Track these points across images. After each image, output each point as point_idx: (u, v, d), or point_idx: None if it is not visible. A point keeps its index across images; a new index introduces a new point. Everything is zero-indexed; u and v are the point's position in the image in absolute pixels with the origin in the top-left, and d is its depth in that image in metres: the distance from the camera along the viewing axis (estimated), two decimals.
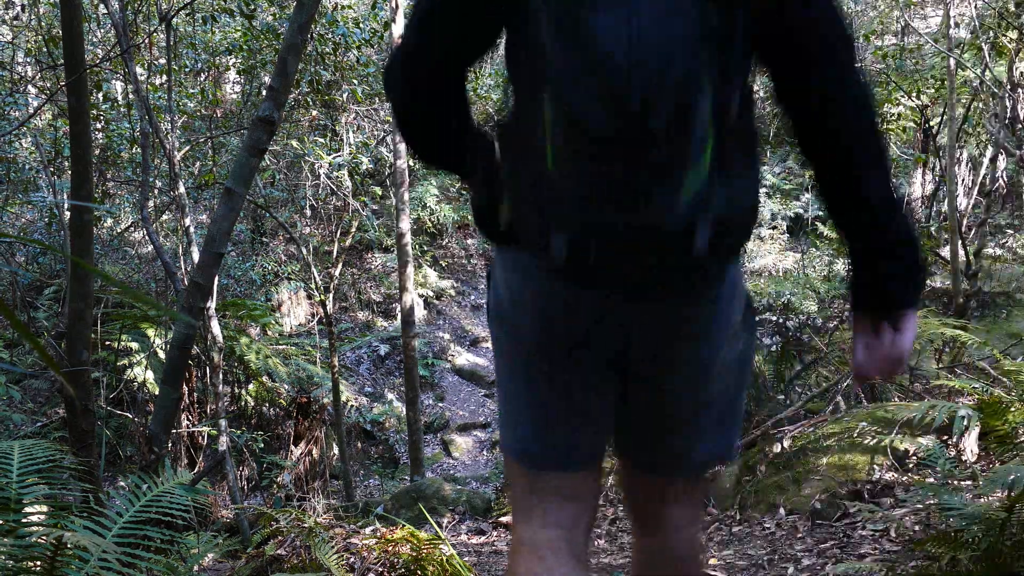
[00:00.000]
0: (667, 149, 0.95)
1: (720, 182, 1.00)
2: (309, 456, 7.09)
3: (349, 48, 7.45)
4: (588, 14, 0.92)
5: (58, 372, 1.10)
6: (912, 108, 8.13)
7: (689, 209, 0.98)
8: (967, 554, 2.17)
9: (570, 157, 0.99)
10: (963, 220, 7.10)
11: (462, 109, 1.20)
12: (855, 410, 4.13)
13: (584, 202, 1.01)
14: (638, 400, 1.24)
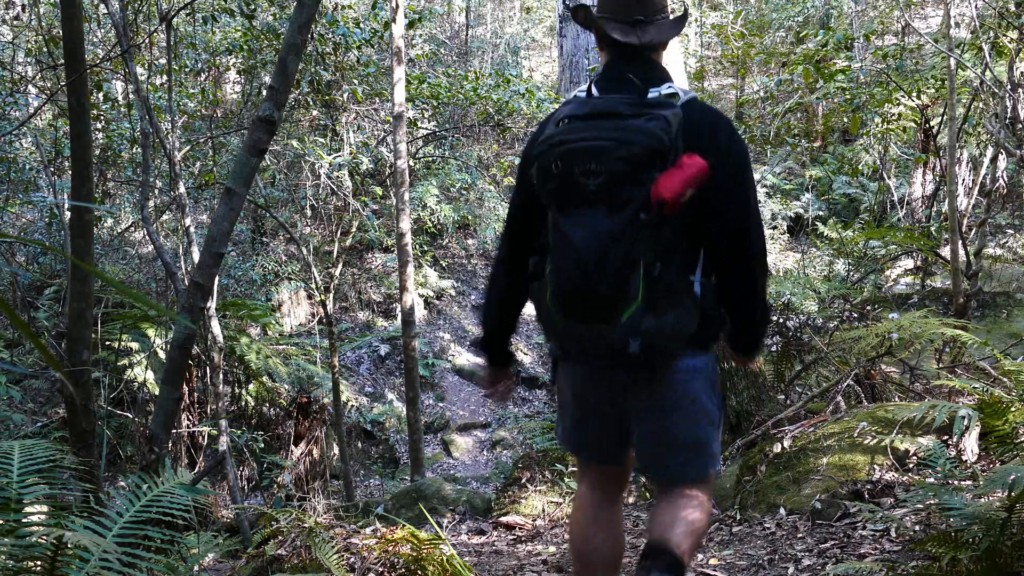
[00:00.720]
0: (611, 298, 1.72)
1: (649, 315, 1.73)
2: (309, 456, 7.09)
3: (349, 48, 7.45)
4: (570, 228, 1.74)
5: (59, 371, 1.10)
6: (912, 108, 8.13)
7: (624, 330, 1.73)
8: (967, 554, 2.17)
9: (557, 296, 1.78)
10: (963, 220, 7.09)
11: (519, 302, 2.08)
12: (855, 410, 4.13)
13: (564, 322, 1.81)
14: (637, 429, 1.97)
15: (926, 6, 15.74)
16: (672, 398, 1.88)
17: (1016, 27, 5.93)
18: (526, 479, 4.88)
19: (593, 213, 1.72)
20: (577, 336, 1.82)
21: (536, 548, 3.95)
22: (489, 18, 19.90)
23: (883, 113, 8.26)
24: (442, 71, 9.87)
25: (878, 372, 4.62)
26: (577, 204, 1.73)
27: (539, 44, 22.05)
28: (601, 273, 1.70)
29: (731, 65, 10.27)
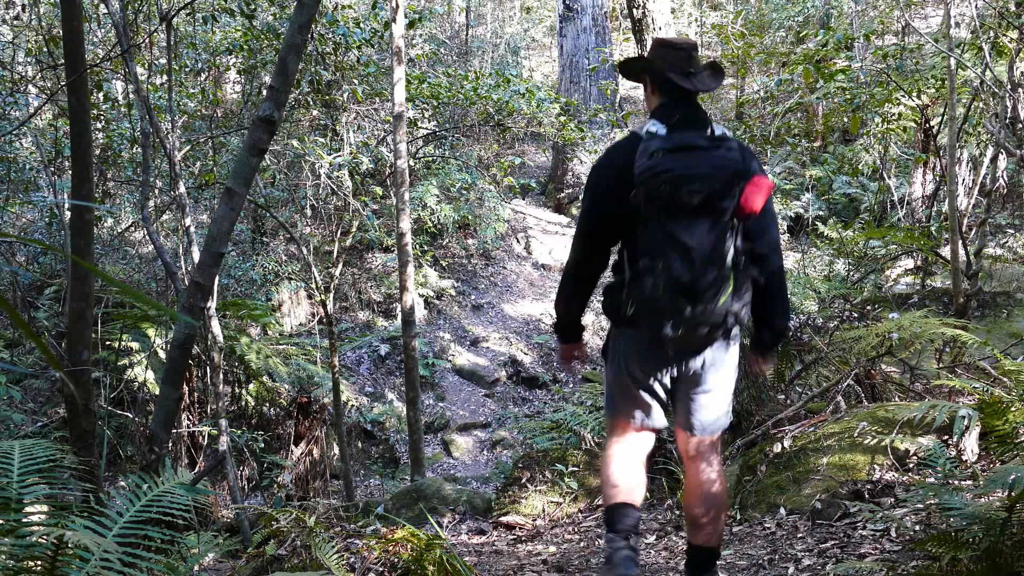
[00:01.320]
0: (714, 285, 2.31)
1: (736, 297, 2.35)
2: (309, 456, 7.09)
3: (349, 48, 7.45)
4: (681, 233, 2.29)
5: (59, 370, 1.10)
6: (912, 108, 8.12)
7: (722, 309, 2.33)
8: (967, 554, 2.17)
9: (672, 286, 2.29)
10: (963, 220, 7.09)
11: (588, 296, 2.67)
12: (855, 410, 4.13)
13: (677, 306, 2.31)
14: (681, 398, 2.58)
15: (926, 6, 15.74)
16: (730, 362, 2.53)
17: (1016, 27, 5.93)
18: (526, 479, 4.88)
19: (698, 222, 2.30)
20: (687, 317, 2.32)
21: (536, 548, 3.95)
22: (489, 18, 19.90)
23: (883, 113, 8.26)
24: (442, 71, 9.87)
25: (878, 372, 4.62)
26: (684, 215, 2.30)
27: (539, 44, 22.05)
28: (708, 266, 2.28)
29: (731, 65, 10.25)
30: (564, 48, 15.45)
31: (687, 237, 2.28)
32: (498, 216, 13.50)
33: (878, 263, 9.09)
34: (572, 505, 4.64)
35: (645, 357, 2.51)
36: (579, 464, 4.87)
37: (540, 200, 15.72)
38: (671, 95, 2.49)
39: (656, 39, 2.67)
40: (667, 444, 5.06)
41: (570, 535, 4.14)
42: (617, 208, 2.43)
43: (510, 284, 13.07)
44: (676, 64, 2.48)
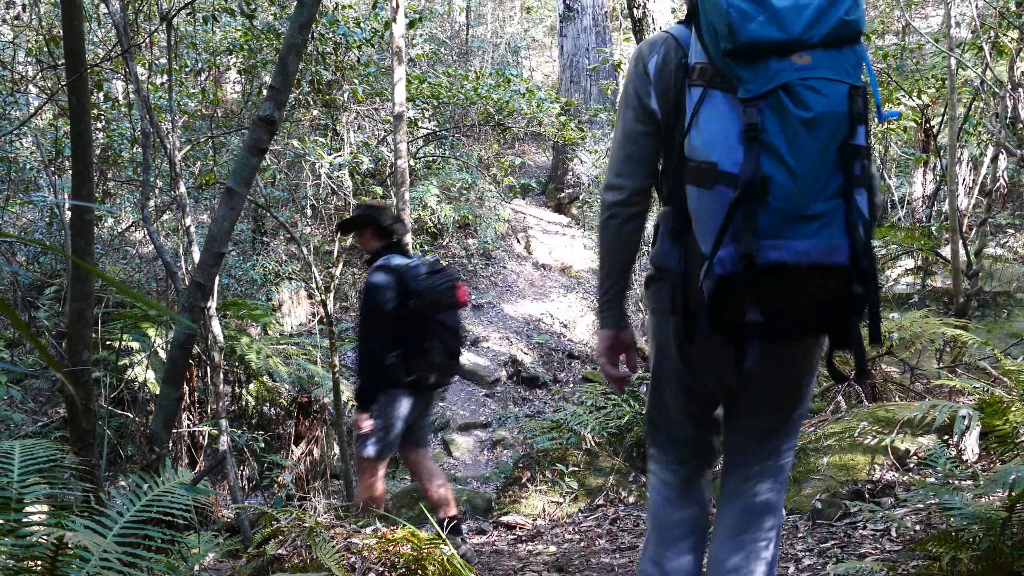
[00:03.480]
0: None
1: None
2: (310, 456, 7.09)
3: (350, 48, 7.45)
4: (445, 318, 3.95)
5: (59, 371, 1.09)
6: (913, 108, 8.12)
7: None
8: (968, 554, 2.17)
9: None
10: (964, 220, 7.09)
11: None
12: (856, 410, 4.13)
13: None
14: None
15: (926, 6, 15.73)
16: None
17: (1016, 27, 5.92)
18: (527, 479, 4.88)
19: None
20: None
21: (537, 548, 3.95)
22: (489, 18, 19.90)
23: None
24: (442, 71, 9.87)
25: (878, 372, 4.62)
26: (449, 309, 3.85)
27: (539, 44, 22.04)
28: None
29: None
30: (564, 48, 15.45)
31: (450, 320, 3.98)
32: (498, 216, 13.50)
33: (878, 263, 9.07)
34: (572, 505, 4.64)
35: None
36: (579, 464, 4.87)
37: (540, 200, 15.72)
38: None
39: (364, 204, 3.79)
40: None
41: (570, 535, 4.15)
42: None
43: (510, 284, 13.07)
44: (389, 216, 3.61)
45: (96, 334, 6.25)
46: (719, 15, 1.53)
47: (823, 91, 1.51)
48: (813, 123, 1.51)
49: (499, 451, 9.30)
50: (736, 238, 1.51)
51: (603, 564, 3.43)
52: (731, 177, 1.52)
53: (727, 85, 1.56)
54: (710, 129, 1.57)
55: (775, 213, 1.50)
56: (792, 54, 1.52)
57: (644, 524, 4.12)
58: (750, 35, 1.51)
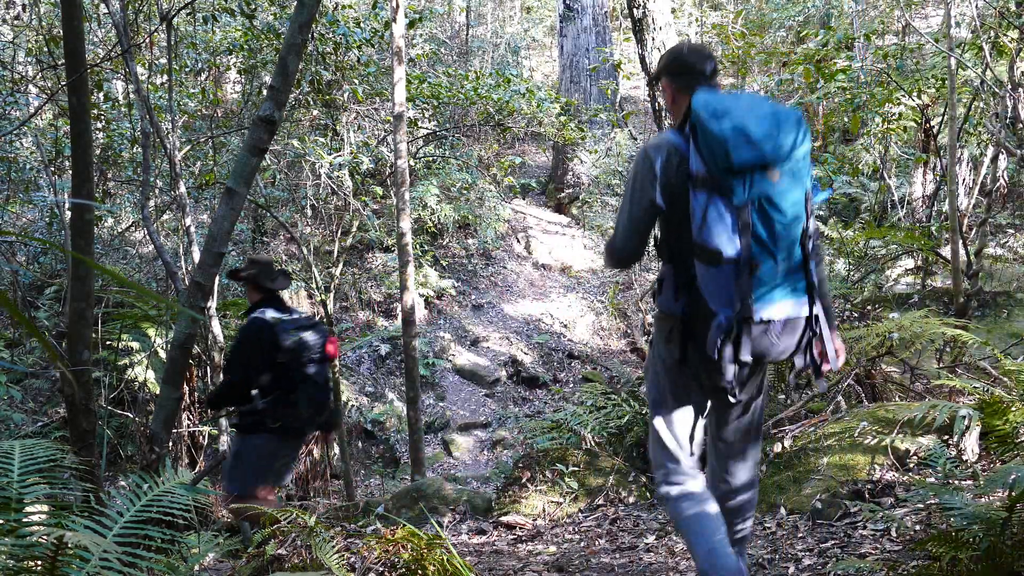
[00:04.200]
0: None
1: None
2: (310, 456, 7.09)
3: (350, 48, 7.45)
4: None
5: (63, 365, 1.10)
6: (913, 108, 8.12)
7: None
8: (968, 554, 2.17)
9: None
10: (964, 220, 7.09)
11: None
12: (856, 410, 4.13)
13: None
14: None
15: (926, 6, 15.73)
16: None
17: (1016, 27, 5.92)
18: (527, 479, 4.88)
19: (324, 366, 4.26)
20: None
21: (537, 548, 3.95)
22: (489, 18, 19.90)
23: (883, 113, 8.26)
24: (442, 71, 9.87)
25: (878, 372, 4.62)
26: (313, 363, 4.28)
27: (539, 44, 22.04)
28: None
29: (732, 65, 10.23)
30: (564, 48, 15.45)
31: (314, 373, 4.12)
32: (498, 216, 13.51)
33: (878, 263, 9.08)
34: (572, 505, 4.64)
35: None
36: (579, 464, 4.87)
37: (540, 200, 15.72)
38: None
39: (253, 260, 4.27)
40: None
41: (571, 535, 4.15)
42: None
43: (510, 284, 13.07)
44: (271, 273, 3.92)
45: (96, 334, 6.25)
46: (718, 143, 2.16)
47: (790, 199, 2.20)
48: (783, 224, 2.20)
49: (499, 451, 9.30)
50: (735, 301, 2.20)
51: (603, 564, 3.43)
52: (732, 259, 2.18)
53: (724, 192, 2.18)
54: (716, 226, 2.18)
55: (763, 284, 2.21)
56: (768, 171, 2.18)
57: (644, 524, 4.12)
58: (741, 159, 2.15)
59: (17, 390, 6.73)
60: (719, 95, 2.28)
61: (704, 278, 2.23)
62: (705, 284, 2.24)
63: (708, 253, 2.20)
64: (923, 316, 4.47)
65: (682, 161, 2.28)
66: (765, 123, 2.20)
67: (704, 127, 2.19)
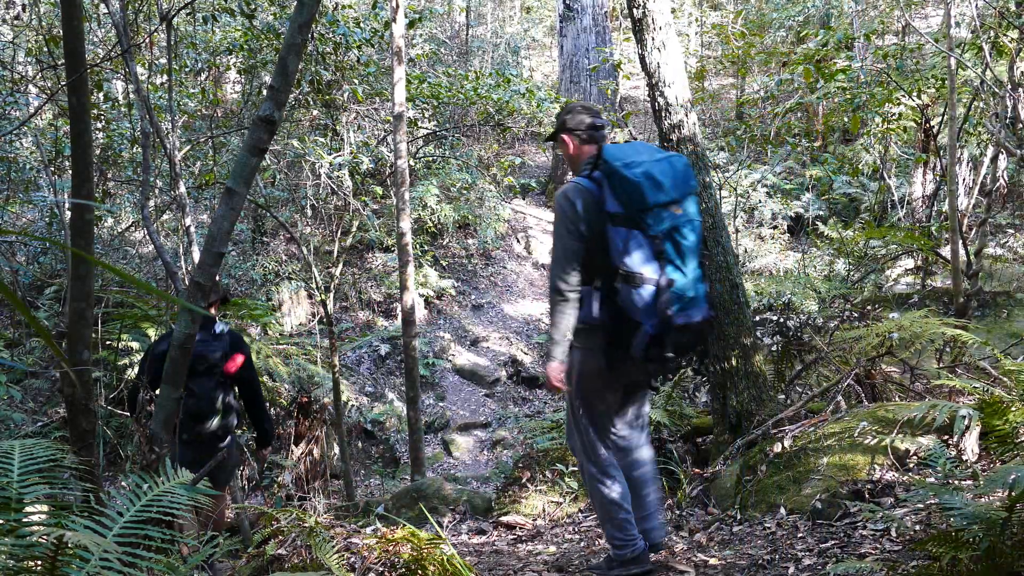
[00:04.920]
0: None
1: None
2: (310, 456, 7.10)
3: (350, 48, 7.45)
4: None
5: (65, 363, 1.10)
6: (913, 108, 8.12)
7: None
8: (968, 554, 2.17)
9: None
10: (964, 220, 7.09)
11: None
12: (856, 410, 4.13)
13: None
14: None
15: (926, 6, 15.74)
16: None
17: (1016, 27, 5.93)
18: (526, 479, 4.88)
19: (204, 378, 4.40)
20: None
21: (537, 548, 3.95)
22: (489, 18, 19.90)
23: (883, 113, 8.26)
24: (442, 71, 9.87)
25: (878, 372, 4.62)
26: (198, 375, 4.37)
27: (539, 44, 22.05)
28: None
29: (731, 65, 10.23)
30: (564, 48, 15.45)
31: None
32: (498, 216, 13.50)
33: (878, 263, 9.08)
34: (572, 505, 4.64)
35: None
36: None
37: (540, 200, 15.72)
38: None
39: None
40: (667, 444, 5.06)
41: (570, 535, 4.15)
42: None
43: (510, 284, 13.07)
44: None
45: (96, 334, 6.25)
46: (634, 188, 2.72)
47: (692, 227, 2.81)
48: (689, 247, 2.80)
49: (499, 451, 9.30)
50: (659, 313, 2.74)
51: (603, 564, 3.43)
52: (653, 280, 2.75)
53: (641, 226, 2.74)
54: (637, 255, 2.74)
55: (677, 299, 2.76)
56: (673, 207, 2.77)
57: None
58: (652, 200, 2.73)
59: (17, 390, 6.73)
60: (622, 147, 2.85)
61: (629, 296, 2.75)
62: (630, 301, 2.75)
63: (633, 276, 2.73)
64: (923, 316, 4.47)
65: (596, 202, 2.81)
66: (666, 168, 2.77)
67: (620, 175, 2.73)
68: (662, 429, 5.22)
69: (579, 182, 2.87)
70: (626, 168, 2.73)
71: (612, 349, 2.88)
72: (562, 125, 3.07)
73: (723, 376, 4.54)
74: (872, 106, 7.45)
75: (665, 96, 4.53)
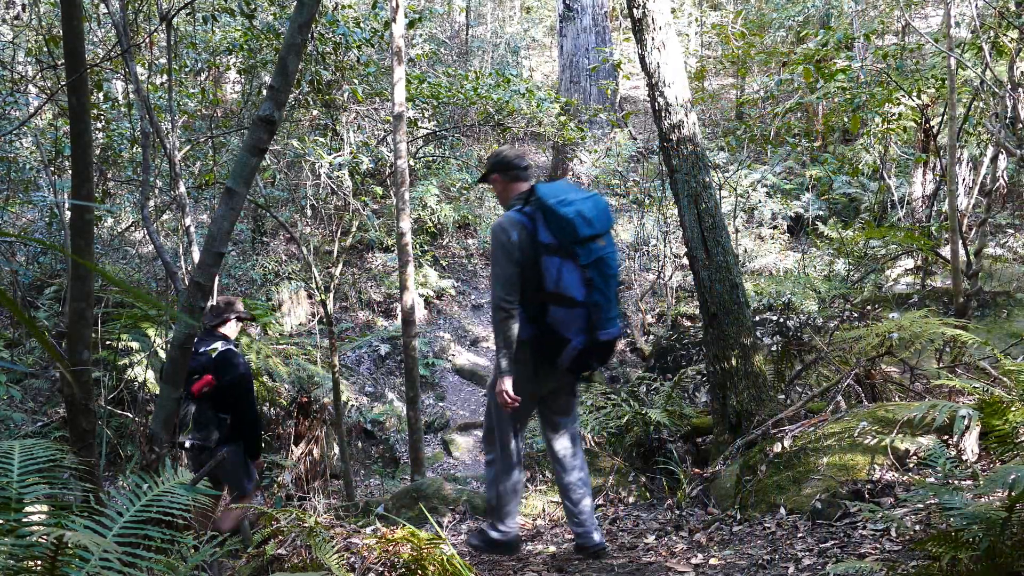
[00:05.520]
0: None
1: None
2: (310, 456, 7.09)
3: (349, 48, 7.45)
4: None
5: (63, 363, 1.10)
6: (913, 108, 8.12)
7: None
8: (968, 554, 2.17)
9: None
10: (963, 220, 7.09)
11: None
12: (855, 410, 4.13)
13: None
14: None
15: (926, 6, 15.73)
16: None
17: (1016, 27, 5.93)
18: (527, 479, 4.88)
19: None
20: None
21: (537, 547, 3.95)
22: (489, 18, 19.90)
23: (883, 113, 8.26)
24: (442, 71, 9.87)
25: (878, 372, 4.62)
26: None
27: (539, 44, 22.05)
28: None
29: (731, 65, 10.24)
30: (564, 48, 15.45)
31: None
32: (498, 215, 13.49)
33: (878, 263, 9.08)
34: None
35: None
36: None
37: None
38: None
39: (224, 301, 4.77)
40: (667, 444, 5.06)
41: (570, 535, 4.15)
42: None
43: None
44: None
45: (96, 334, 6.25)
46: (567, 223, 3.14)
47: (612, 258, 3.27)
48: (611, 275, 3.25)
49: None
50: (587, 331, 3.22)
51: (603, 564, 3.43)
52: (583, 303, 3.18)
53: (572, 256, 3.16)
54: (568, 280, 3.15)
55: (601, 319, 3.22)
56: (598, 240, 3.21)
57: (644, 524, 4.12)
58: (583, 234, 3.16)
59: (17, 390, 6.73)
60: (552, 187, 3.28)
61: (560, 316, 3.18)
62: (561, 320, 3.18)
63: (565, 300, 3.15)
64: (923, 316, 4.47)
65: (530, 234, 3.19)
66: (592, 206, 3.22)
67: (555, 212, 3.13)
68: (662, 429, 5.22)
69: (513, 216, 3.26)
70: (560, 205, 3.14)
71: (537, 361, 3.29)
72: (491, 167, 3.48)
73: (723, 376, 4.54)
74: (872, 106, 7.45)
75: (665, 96, 4.53)
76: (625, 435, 5.32)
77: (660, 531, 3.89)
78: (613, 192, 14.59)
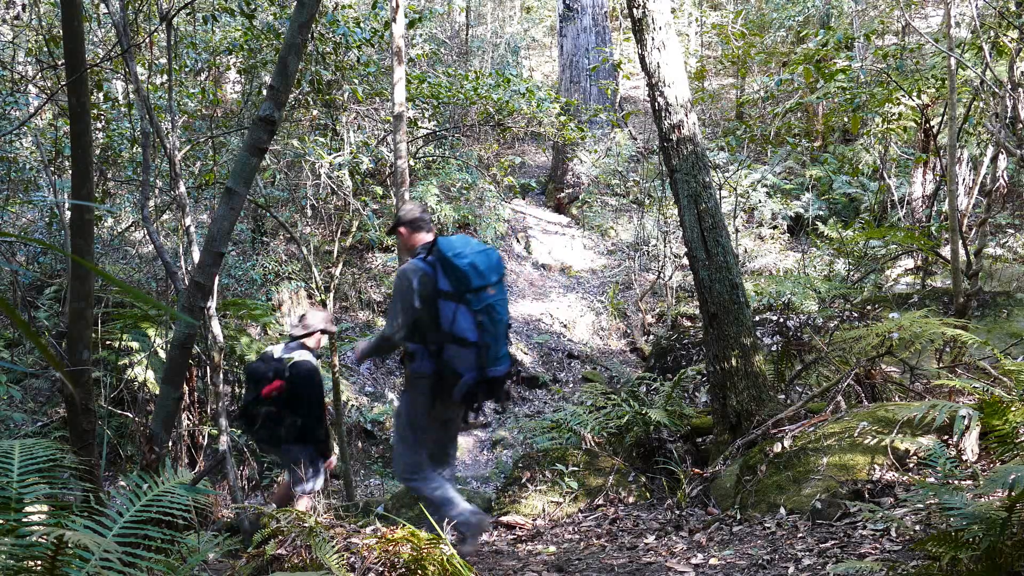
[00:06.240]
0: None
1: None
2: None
3: (349, 48, 7.45)
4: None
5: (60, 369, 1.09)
6: (913, 108, 8.12)
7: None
8: (968, 554, 2.17)
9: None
10: (963, 220, 7.09)
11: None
12: (855, 410, 4.13)
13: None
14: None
15: (926, 6, 15.73)
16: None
17: (1016, 27, 5.92)
18: (526, 479, 4.88)
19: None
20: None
21: (536, 548, 3.95)
22: (489, 18, 19.90)
23: (883, 113, 8.26)
24: (442, 71, 9.87)
25: (878, 372, 4.62)
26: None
27: (539, 44, 22.05)
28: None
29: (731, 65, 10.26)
30: (564, 48, 15.45)
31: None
32: (498, 216, 13.50)
33: (878, 263, 9.09)
34: (572, 505, 4.64)
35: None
36: (579, 464, 4.87)
37: (540, 200, 15.72)
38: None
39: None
40: (667, 444, 5.06)
41: (570, 535, 4.15)
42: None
43: (510, 284, 13.06)
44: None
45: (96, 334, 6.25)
46: (462, 274, 3.55)
47: (503, 304, 3.70)
48: (500, 320, 3.68)
49: (499, 451, 9.30)
50: (477, 368, 3.61)
51: (603, 564, 3.43)
52: (474, 344, 3.59)
53: (466, 302, 3.57)
54: (463, 324, 3.56)
55: (490, 358, 3.65)
56: (489, 289, 3.61)
57: (644, 524, 4.12)
58: (476, 284, 3.57)
59: (17, 390, 6.73)
60: (451, 241, 3.66)
61: (455, 354, 3.58)
62: (455, 358, 3.58)
63: (460, 340, 3.56)
64: (923, 316, 4.47)
65: (430, 280, 3.56)
66: (484, 259, 3.63)
67: (451, 264, 3.54)
68: (662, 429, 5.22)
69: (417, 264, 3.63)
70: (456, 258, 3.55)
71: (436, 393, 3.68)
72: (398, 221, 3.89)
73: (723, 376, 4.54)
74: (872, 106, 7.45)
75: (665, 96, 4.53)
76: (625, 435, 5.32)
77: (660, 531, 3.89)
78: (613, 192, 14.59)
